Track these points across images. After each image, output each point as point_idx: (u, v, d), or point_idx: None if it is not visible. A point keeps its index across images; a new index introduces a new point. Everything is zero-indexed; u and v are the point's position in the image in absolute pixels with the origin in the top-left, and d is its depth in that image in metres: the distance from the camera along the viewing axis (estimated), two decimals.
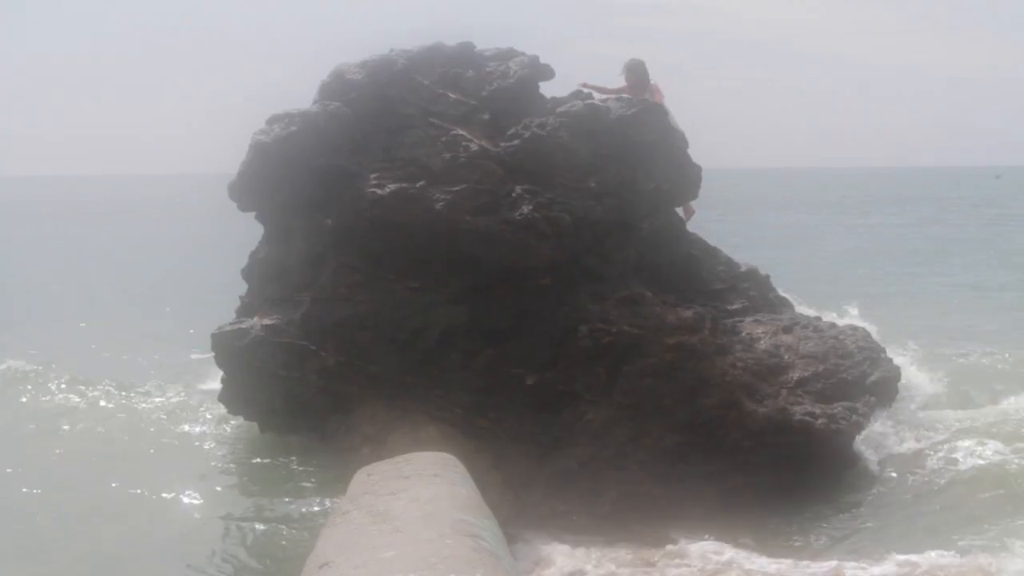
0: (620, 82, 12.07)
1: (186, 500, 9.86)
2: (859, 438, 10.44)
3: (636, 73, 12.01)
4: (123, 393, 13.80)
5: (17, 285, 26.70)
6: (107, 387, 14.05)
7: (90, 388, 14.05)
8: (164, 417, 12.80)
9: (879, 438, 10.70)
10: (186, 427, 12.42)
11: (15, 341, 18.23)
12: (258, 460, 11.15)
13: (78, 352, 16.85)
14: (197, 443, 11.87)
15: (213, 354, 11.52)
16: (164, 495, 10.01)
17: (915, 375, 13.14)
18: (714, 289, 11.65)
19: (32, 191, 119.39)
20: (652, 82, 12.06)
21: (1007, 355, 15.04)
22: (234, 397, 11.56)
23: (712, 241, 12.71)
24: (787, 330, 11.24)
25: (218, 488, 10.23)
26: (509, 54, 11.77)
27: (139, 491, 10.06)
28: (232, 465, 11.05)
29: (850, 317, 14.70)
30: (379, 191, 10.71)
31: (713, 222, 13.31)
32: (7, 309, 22.39)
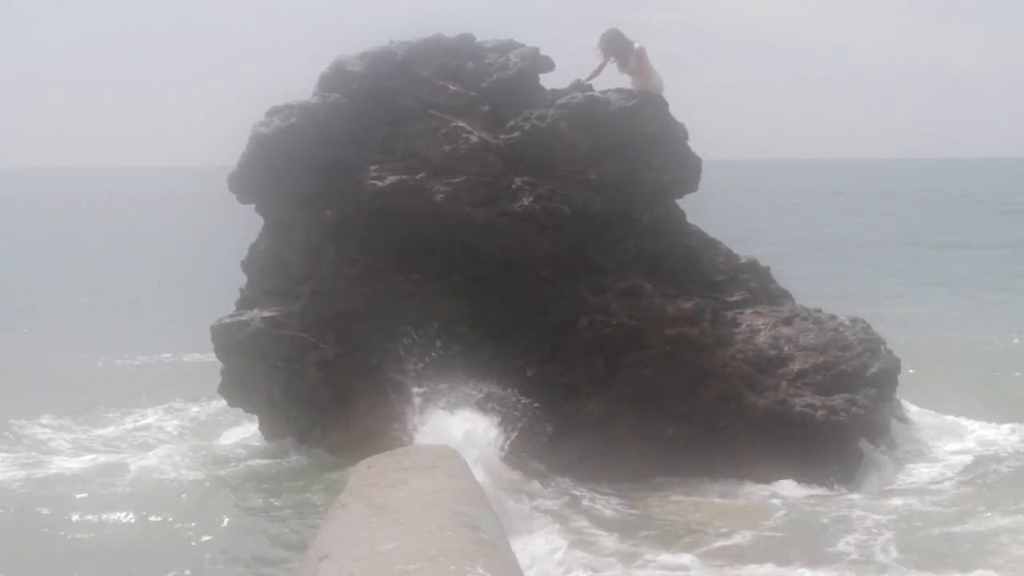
0: (600, 59, 11.49)
1: (183, 493, 9.83)
2: None
3: (613, 44, 11.46)
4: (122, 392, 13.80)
5: (19, 281, 26.60)
6: (106, 387, 14.05)
7: (89, 387, 14.02)
8: (162, 412, 12.83)
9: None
10: (184, 421, 12.42)
11: (15, 338, 18.22)
12: (257, 452, 11.14)
13: (76, 351, 16.82)
14: (195, 438, 11.85)
15: (213, 347, 11.50)
16: (164, 487, 10.00)
17: None
18: (714, 281, 11.62)
19: (34, 184, 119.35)
20: (637, 45, 11.42)
21: None
22: (233, 389, 11.54)
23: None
24: (787, 322, 11.22)
25: (216, 481, 10.21)
26: (509, 46, 11.73)
27: (137, 485, 10.05)
28: (229, 457, 11.03)
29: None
30: (379, 183, 10.70)
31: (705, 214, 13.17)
32: (7, 306, 22.31)
